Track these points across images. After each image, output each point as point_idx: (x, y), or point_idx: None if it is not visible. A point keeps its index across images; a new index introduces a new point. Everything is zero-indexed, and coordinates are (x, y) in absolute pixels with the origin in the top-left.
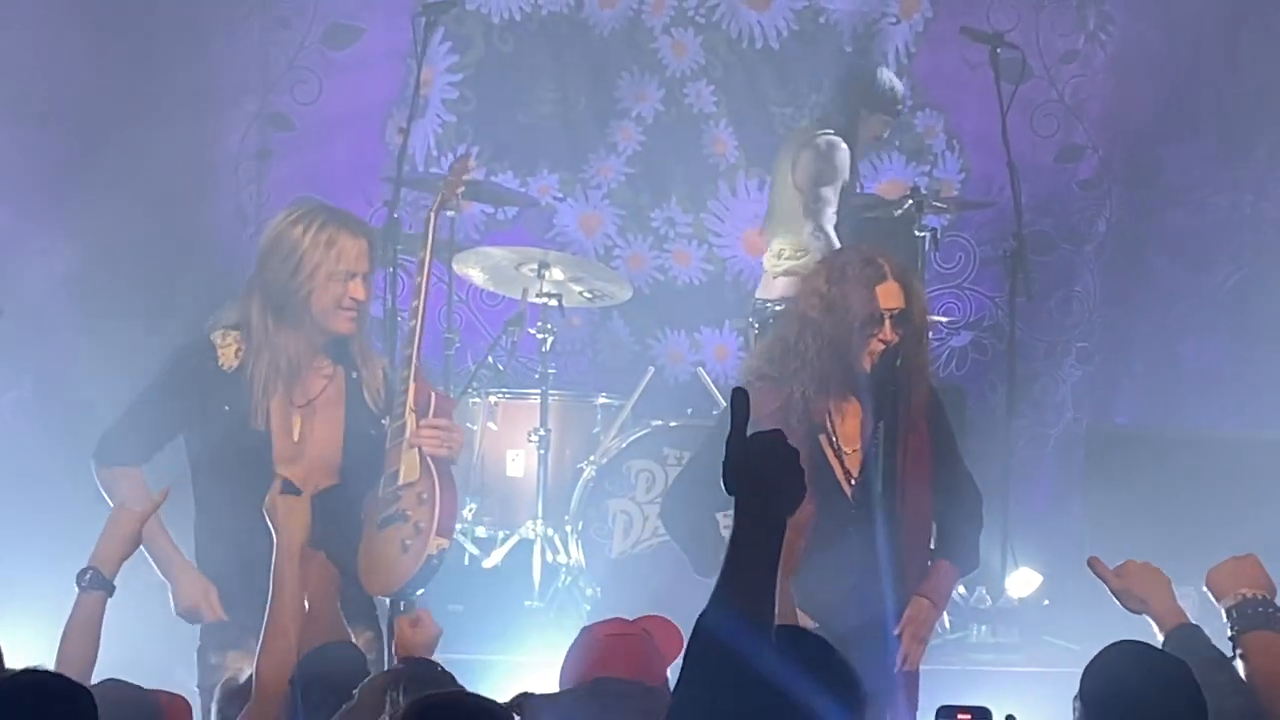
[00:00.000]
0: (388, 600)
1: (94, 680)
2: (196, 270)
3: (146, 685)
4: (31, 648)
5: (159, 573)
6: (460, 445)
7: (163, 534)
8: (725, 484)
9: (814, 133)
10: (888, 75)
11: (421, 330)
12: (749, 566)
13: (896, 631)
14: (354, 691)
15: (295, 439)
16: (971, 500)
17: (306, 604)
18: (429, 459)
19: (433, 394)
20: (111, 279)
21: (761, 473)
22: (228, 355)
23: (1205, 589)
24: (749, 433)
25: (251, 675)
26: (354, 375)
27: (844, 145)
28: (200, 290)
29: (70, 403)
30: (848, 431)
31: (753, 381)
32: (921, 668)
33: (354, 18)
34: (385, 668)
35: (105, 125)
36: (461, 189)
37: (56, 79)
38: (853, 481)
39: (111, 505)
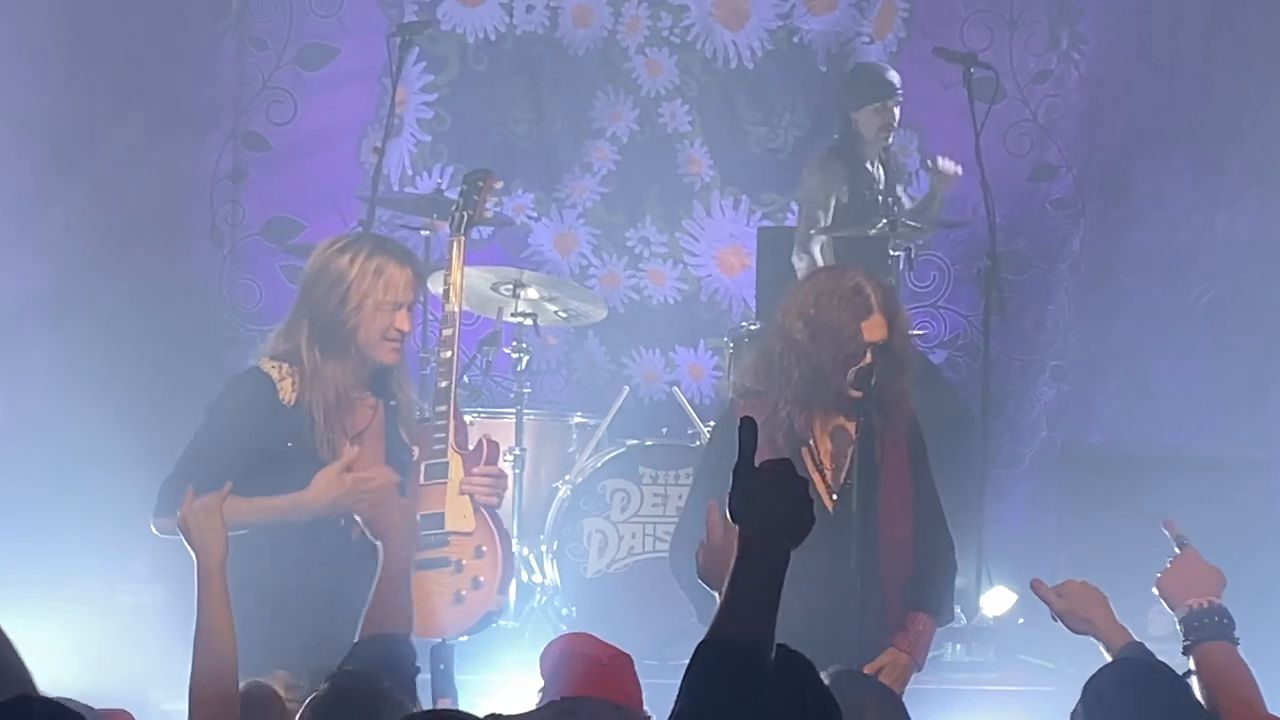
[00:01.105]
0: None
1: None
2: (171, 291)
3: (125, 705)
4: None
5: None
6: (506, 491)
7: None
8: (732, 514)
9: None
10: (866, 65)
11: (457, 361)
12: (753, 597)
13: (868, 671)
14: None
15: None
16: (947, 547)
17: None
18: (483, 510)
19: (484, 440)
20: (86, 299)
21: (770, 504)
22: (286, 389)
23: (1160, 600)
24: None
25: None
26: (392, 404)
27: (832, 158)
28: (176, 310)
29: (42, 424)
30: (829, 447)
31: (737, 398)
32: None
33: (329, 38)
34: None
35: (80, 144)
36: (489, 213)
37: (31, 98)
38: (834, 496)
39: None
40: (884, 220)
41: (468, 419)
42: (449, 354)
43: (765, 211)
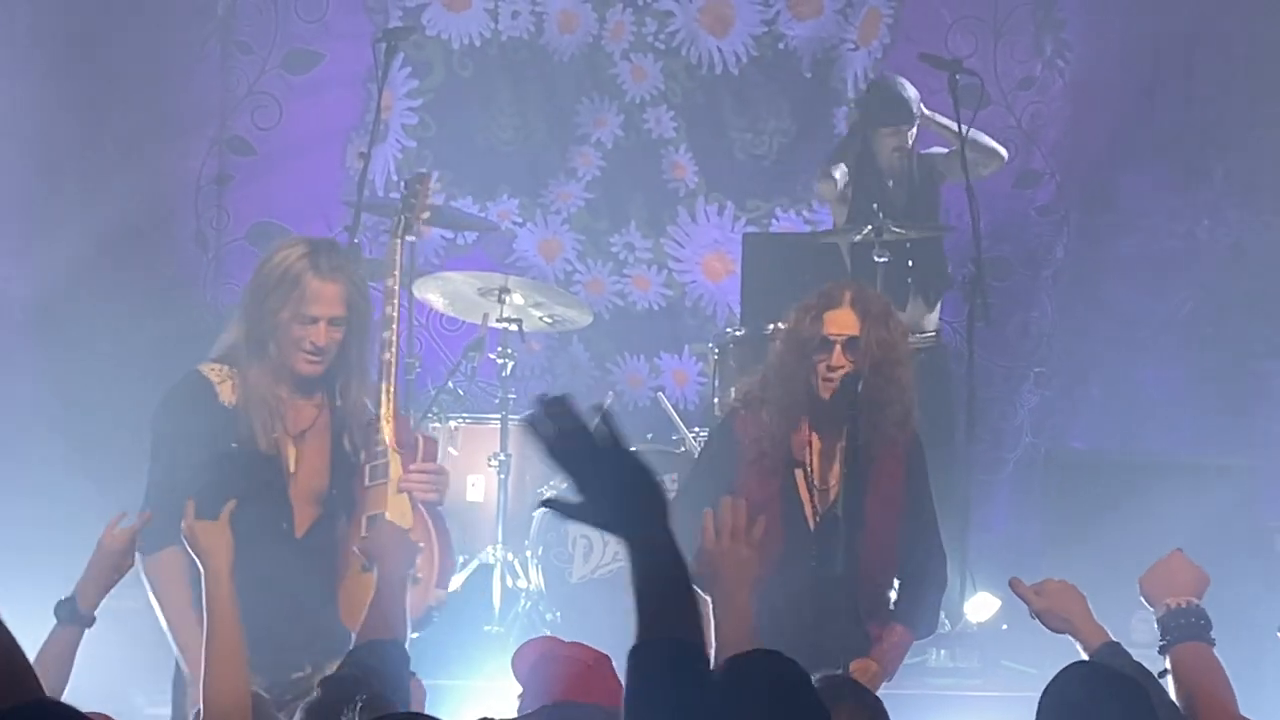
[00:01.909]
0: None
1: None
2: (156, 296)
3: (106, 709)
4: None
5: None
6: (447, 488)
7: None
8: (585, 518)
9: None
10: (884, 84)
11: (396, 362)
12: (657, 590)
13: None
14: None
15: (291, 469)
16: (938, 564)
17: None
18: (421, 506)
19: (420, 437)
20: (71, 305)
21: (614, 493)
22: (226, 391)
23: (1142, 598)
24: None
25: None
26: (337, 405)
27: (829, 175)
28: (160, 316)
29: (26, 429)
30: (824, 468)
31: (736, 409)
32: (879, 692)
33: (314, 43)
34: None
35: (65, 149)
36: (426, 214)
37: (16, 104)
38: (818, 517)
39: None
40: (869, 226)
41: (452, 424)
42: (388, 356)
43: (750, 217)
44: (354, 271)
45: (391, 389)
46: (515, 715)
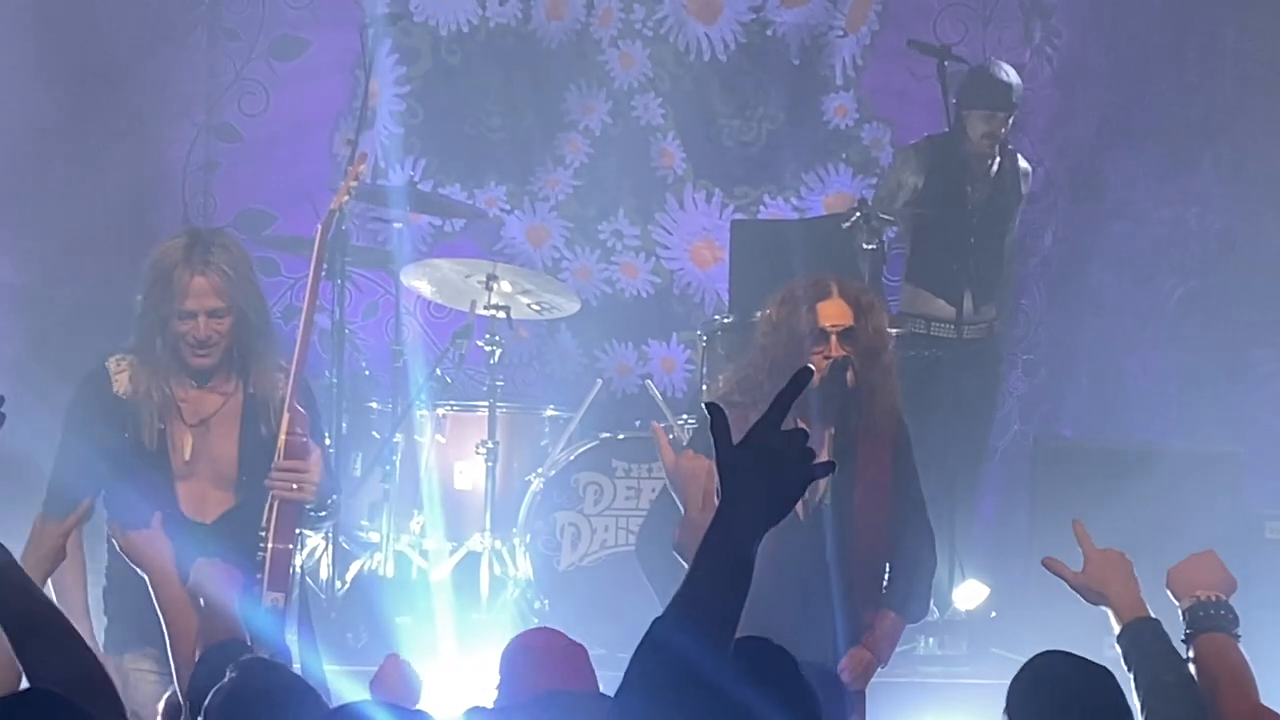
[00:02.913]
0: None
1: None
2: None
3: None
4: None
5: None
6: (314, 487)
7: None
8: (723, 481)
9: None
10: (988, 69)
11: (304, 349)
12: (721, 581)
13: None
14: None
15: (186, 458)
16: (927, 549)
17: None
18: (276, 504)
19: (288, 437)
20: (55, 292)
21: (773, 469)
22: (121, 381)
23: (1167, 590)
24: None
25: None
26: (250, 392)
27: (924, 146)
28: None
29: (10, 416)
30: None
31: (724, 404)
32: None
33: (301, 29)
34: None
35: (51, 136)
36: (346, 198)
37: (1, 90)
38: (809, 509)
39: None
40: (856, 213)
41: (440, 411)
42: (297, 340)
43: (738, 204)
44: (232, 261)
45: (292, 379)
46: (501, 704)
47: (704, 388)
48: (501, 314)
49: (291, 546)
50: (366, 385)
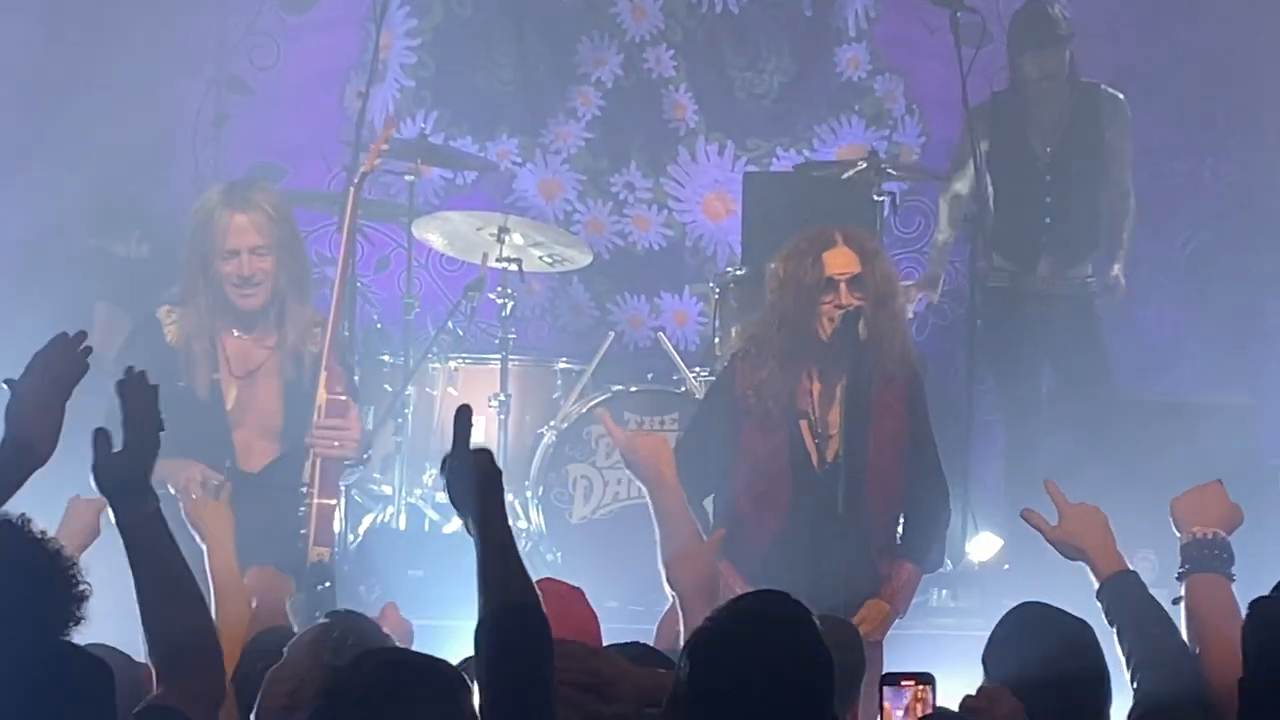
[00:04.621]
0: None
1: None
2: (154, 238)
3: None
4: None
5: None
6: (355, 444)
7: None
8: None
9: None
10: (1032, 6)
11: (339, 308)
12: (496, 562)
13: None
14: (283, 650)
15: (229, 409)
16: (941, 499)
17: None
18: (319, 461)
19: (328, 397)
20: (67, 247)
21: (463, 489)
22: (172, 331)
23: (1170, 518)
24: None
25: None
26: (290, 343)
27: (984, 109)
28: (158, 257)
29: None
30: (826, 411)
31: (737, 357)
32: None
33: None
34: None
35: (61, 90)
36: (379, 160)
37: (9, 44)
38: (823, 461)
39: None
40: (862, 163)
41: (452, 365)
42: (333, 300)
43: (750, 157)
44: (272, 202)
45: (329, 336)
46: None
47: (716, 340)
48: (513, 266)
49: (334, 502)
50: (378, 338)
